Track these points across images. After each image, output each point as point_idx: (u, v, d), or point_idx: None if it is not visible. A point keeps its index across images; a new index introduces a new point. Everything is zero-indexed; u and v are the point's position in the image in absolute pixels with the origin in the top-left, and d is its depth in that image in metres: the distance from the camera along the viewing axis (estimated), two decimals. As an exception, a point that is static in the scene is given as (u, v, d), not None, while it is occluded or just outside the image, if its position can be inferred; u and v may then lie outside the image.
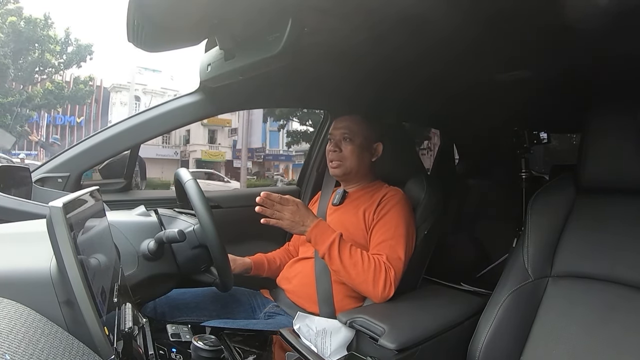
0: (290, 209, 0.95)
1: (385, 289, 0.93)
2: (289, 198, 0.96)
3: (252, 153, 16.09)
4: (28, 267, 0.44)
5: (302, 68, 1.01)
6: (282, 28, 0.72)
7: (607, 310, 0.76)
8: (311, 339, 0.88)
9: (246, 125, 11.69)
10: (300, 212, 0.96)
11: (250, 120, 11.71)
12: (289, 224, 0.95)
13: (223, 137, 18.90)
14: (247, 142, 12.01)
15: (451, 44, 0.83)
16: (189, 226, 0.88)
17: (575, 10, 0.61)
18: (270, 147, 18.71)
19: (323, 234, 0.95)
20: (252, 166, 16.21)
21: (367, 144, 1.14)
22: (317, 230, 0.95)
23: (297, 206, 0.96)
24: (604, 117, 0.86)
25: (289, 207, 0.95)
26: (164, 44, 0.89)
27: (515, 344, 0.82)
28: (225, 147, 18.62)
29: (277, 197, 0.94)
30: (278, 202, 0.94)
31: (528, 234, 0.90)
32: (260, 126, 13.40)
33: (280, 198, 0.95)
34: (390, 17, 0.71)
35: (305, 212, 0.97)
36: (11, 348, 0.32)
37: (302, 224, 0.95)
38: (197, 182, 0.88)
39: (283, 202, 0.95)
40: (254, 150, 16.39)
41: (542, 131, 2.07)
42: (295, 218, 0.95)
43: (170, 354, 0.67)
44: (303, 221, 0.96)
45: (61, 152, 1.17)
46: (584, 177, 0.87)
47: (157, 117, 1.20)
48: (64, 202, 0.43)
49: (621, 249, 0.79)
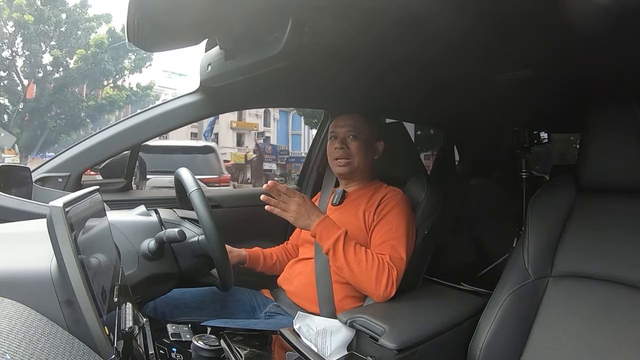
0: (297, 201, 0.95)
1: (387, 288, 0.93)
2: (296, 191, 0.96)
3: (275, 155, 16.27)
4: (28, 267, 0.44)
5: (302, 68, 1.01)
6: (282, 28, 0.72)
7: (607, 309, 0.76)
8: (311, 338, 0.88)
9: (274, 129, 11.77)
10: (307, 206, 0.96)
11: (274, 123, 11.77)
12: (293, 216, 0.95)
13: (250, 140, 19.16)
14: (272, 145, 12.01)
15: (452, 44, 0.83)
16: (194, 235, 0.89)
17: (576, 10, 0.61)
18: (293, 149, 18.88)
19: (329, 230, 0.95)
20: (277, 168, 16.28)
21: (370, 142, 1.14)
22: (323, 225, 0.95)
23: (303, 199, 0.96)
24: (604, 117, 0.86)
25: (295, 199, 0.95)
26: (164, 44, 0.89)
27: (515, 344, 0.82)
28: (251, 149, 18.82)
29: (283, 188, 0.95)
30: (284, 193, 0.95)
31: (528, 234, 0.90)
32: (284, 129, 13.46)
33: (287, 189, 0.95)
34: (390, 17, 0.71)
35: (311, 206, 0.97)
36: (11, 348, 0.32)
37: (307, 217, 0.95)
38: (202, 191, 0.87)
39: (289, 193, 0.95)
40: (278, 153, 16.67)
41: (542, 131, 2.07)
42: (300, 210, 0.95)
43: (170, 353, 0.67)
44: (309, 214, 0.95)
45: (61, 152, 1.17)
46: (584, 176, 0.87)
47: (157, 117, 1.20)
48: (64, 201, 0.43)
49: (621, 249, 0.79)
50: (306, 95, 1.45)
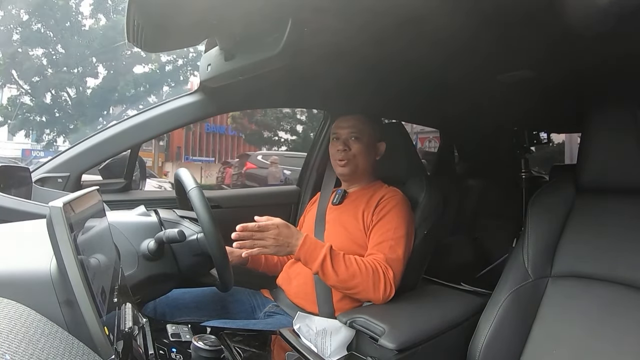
0: (272, 234, 0.90)
1: (386, 291, 0.93)
2: (267, 223, 0.90)
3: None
4: (28, 267, 0.44)
5: (302, 68, 1.01)
6: (282, 28, 0.72)
7: (607, 310, 0.76)
8: (311, 338, 0.88)
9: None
10: (283, 234, 0.91)
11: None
12: (274, 249, 0.90)
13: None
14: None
15: (452, 44, 0.83)
16: (193, 234, 0.88)
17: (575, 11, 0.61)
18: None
19: (313, 252, 0.92)
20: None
21: (372, 143, 1.13)
22: (305, 248, 0.91)
23: (277, 228, 0.90)
24: (604, 117, 0.86)
25: (269, 232, 0.90)
26: (164, 44, 0.89)
27: (515, 344, 0.82)
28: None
29: (254, 226, 0.89)
30: (257, 231, 0.89)
31: (528, 234, 0.90)
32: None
33: (257, 226, 0.90)
34: (390, 17, 0.71)
35: (287, 232, 0.92)
36: (11, 348, 0.32)
37: (287, 246, 0.91)
38: (201, 190, 0.86)
39: (262, 228, 0.89)
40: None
41: (542, 131, 2.08)
42: (279, 240, 0.90)
43: (170, 353, 0.67)
44: (288, 242, 0.91)
45: (61, 152, 1.17)
46: (583, 176, 0.87)
47: (157, 117, 1.20)
48: (64, 202, 0.43)
49: (621, 249, 0.79)
50: (306, 96, 1.45)
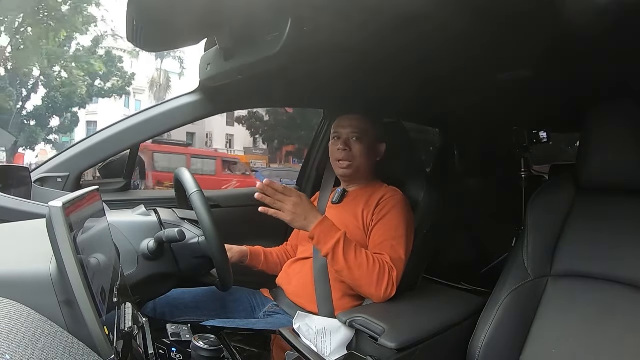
0: (293, 201, 0.90)
1: (388, 289, 0.93)
2: (293, 189, 0.92)
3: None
4: (28, 267, 0.44)
5: (301, 67, 1.01)
6: (281, 27, 0.72)
7: (606, 309, 0.76)
8: (311, 338, 0.88)
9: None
10: (304, 205, 0.91)
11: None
12: (289, 216, 0.89)
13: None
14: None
15: (451, 43, 0.83)
16: (194, 237, 0.89)
17: (575, 10, 0.61)
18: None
19: (328, 233, 0.92)
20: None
21: (373, 144, 1.13)
22: (322, 227, 0.91)
23: (300, 198, 0.91)
24: (604, 117, 0.86)
25: (292, 198, 0.90)
26: (163, 44, 0.89)
27: (515, 343, 0.82)
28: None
29: (280, 187, 0.90)
30: (280, 192, 0.90)
31: (528, 234, 0.90)
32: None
33: (283, 187, 0.90)
34: (390, 16, 0.71)
35: (309, 206, 0.92)
36: (11, 348, 0.32)
37: (304, 218, 0.90)
38: (202, 193, 0.87)
39: (286, 192, 0.90)
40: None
41: (542, 131, 2.08)
42: (297, 210, 0.90)
43: (170, 353, 0.67)
44: (306, 215, 0.90)
45: (60, 152, 1.17)
46: (583, 176, 0.87)
47: (156, 116, 1.20)
48: (64, 202, 0.43)
49: (621, 249, 0.79)
50: (305, 95, 1.44)
